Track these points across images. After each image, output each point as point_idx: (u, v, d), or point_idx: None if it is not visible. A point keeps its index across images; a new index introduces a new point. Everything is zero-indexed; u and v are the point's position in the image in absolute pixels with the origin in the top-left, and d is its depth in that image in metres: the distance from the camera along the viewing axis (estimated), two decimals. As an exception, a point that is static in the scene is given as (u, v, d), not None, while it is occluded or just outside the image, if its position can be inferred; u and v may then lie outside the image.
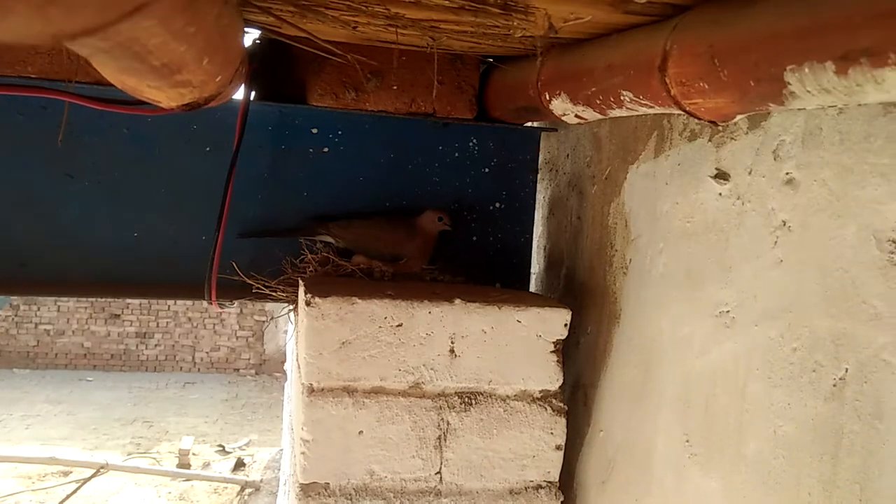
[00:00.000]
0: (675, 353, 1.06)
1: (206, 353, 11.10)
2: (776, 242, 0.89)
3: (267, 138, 1.42)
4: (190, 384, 10.73)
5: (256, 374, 11.21)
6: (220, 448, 8.62)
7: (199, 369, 11.15)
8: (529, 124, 1.51)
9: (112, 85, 1.27)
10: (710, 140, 1.03)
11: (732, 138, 0.98)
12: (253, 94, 1.43)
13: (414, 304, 1.17)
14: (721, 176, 1.00)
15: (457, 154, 1.49)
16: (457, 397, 1.19)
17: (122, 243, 1.38)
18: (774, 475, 0.86)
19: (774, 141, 0.91)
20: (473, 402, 1.19)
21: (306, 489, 1.14)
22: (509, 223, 1.52)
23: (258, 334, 11.15)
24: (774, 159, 0.91)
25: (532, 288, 1.58)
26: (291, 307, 1.43)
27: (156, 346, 11.07)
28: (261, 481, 7.65)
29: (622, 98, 0.96)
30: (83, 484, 7.10)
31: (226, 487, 7.76)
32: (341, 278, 1.33)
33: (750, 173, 0.94)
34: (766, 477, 0.88)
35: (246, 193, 1.41)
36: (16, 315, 11.09)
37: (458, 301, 1.18)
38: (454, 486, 1.19)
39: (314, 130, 1.44)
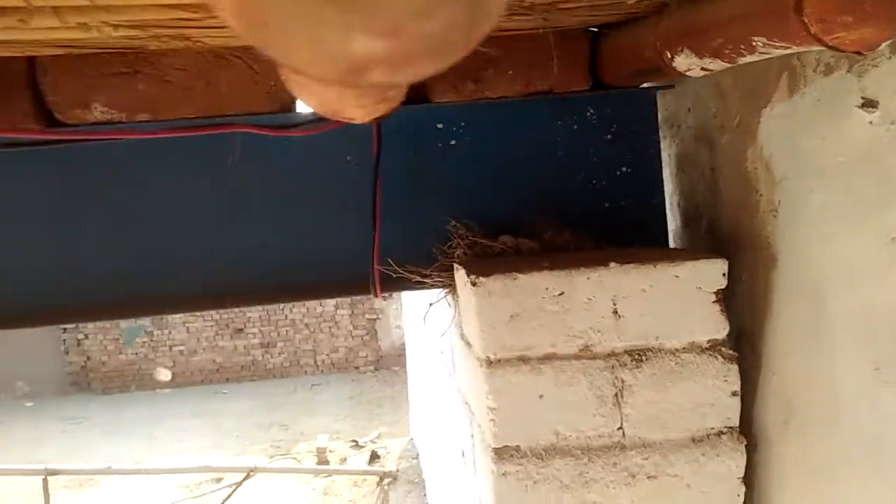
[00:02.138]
0: (849, 286, 1.08)
1: (327, 355, 11.65)
2: (942, 158, 0.90)
3: (398, 140, 1.53)
4: (316, 386, 11.30)
5: (375, 369, 11.66)
6: (354, 443, 9.05)
7: (321, 371, 11.72)
8: (645, 85, 1.54)
9: (268, 112, 1.43)
10: (849, 71, 1.04)
11: (874, 65, 0.99)
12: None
13: (572, 272, 1.24)
14: (869, 104, 1.01)
15: (576, 126, 1.54)
16: (627, 355, 1.26)
17: (289, 253, 1.53)
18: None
19: (924, 60, 0.91)
20: (644, 358, 1.25)
21: (500, 452, 1.25)
22: (638, 185, 1.56)
23: (372, 332, 11.58)
24: (926, 78, 0.91)
25: (671, 245, 1.62)
26: (447, 291, 1.54)
27: (279, 353, 11.72)
28: (397, 470, 7.98)
29: (754, 44, 0.99)
30: (237, 487, 7.64)
31: (364, 479, 8.15)
32: (492, 258, 1.42)
33: (901, 96, 0.95)
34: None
35: (390, 193, 1.52)
36: (151, 340, 12.03)
37: (613, 264, 1.24)
38: (637, 439, 1.26)
39: (439, 126, 1.54)
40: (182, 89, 1.44)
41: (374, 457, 8.54)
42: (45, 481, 5.73)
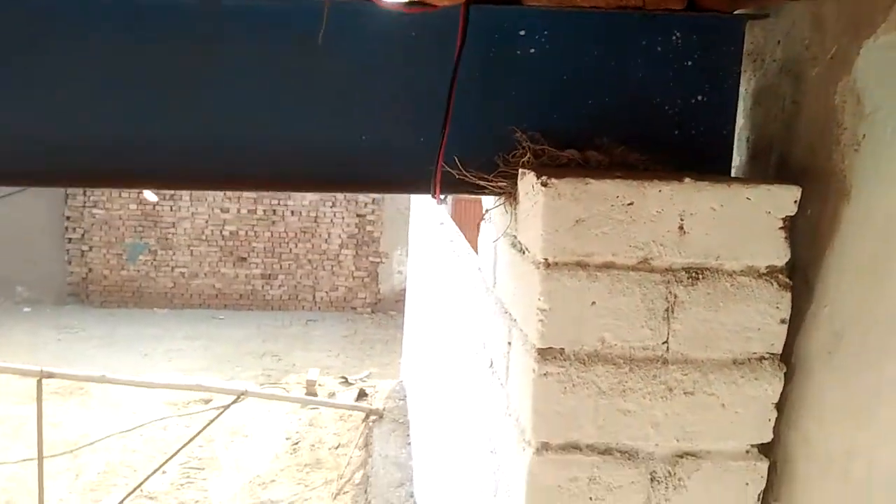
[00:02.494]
0: (927, 218, 1.07)
1: (326, 292, 11.74)
2: None
3: (477, 41, 1.49)
4: (312, 321, 11.42)
5: (372, 312, 11.76)
6: (344, 380, 9.18)
7: (319, 308, 11.82)
8: (737, 12, 1.50)
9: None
10: (974, -1, 1.01)
11: None
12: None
13: (644, 183, 1.22)
14: None
15: (660, 48, 1.51)
16: (684, 272, 1.25)
17: (353, 144, 1.50)
18: None
19: None
20: (700, 276, 1.25)
21: (543, 353, 1.25)
22: (712, 116, 1.53)
23: (373, 275, 11.65)
24: None
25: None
26: (504, 199, 1.52)
27: (280, 286, 11.80)
28: (383, 409, 8.12)
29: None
30: (224, 410, 7.77)
31: (351, 415, 8.29)
32: (559, 167, 1.40)
33: None
34: None
35: (460, 97, 1.49)
36: (154, 259, 12.09)
37: (687, 180, 1.22)
38: (680, 356, 1.26)
39: (521, 32, 1.50)
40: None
41: (363, 395, 8.67)
42: (39, 383, 5.81)
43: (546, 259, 1.24)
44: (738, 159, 1.59)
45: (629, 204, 1.22)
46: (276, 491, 7.34)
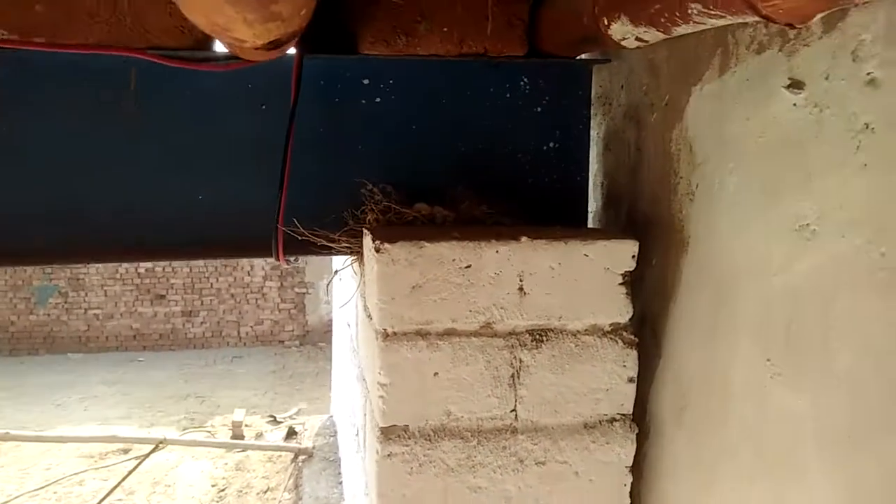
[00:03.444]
0: (752, 274, 1.04)
1: (251, 327, 11.35)
2: (859, 147, 0.86)
3: (319, 92, 1.42)
4: (237, 358, 11.01)
5: (301, 344, 11.44)
6: (272, 418, 8.85)
7: (244, 343, 11.42)
8: (584, 56, 1.48)
9: (174, 48, 1.29)
10: (780, 50, 0.99)
11: (805, 45, 0.95)
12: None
13: (481, 244, 1.17)
14: (795, 85, 0.96)
15: (508, 94, 1.47)
16: (528, 335, 1.19)
17: (188, 205, 1.39)
18: (869, 390, 0.85)
19: (853, 41, 0.87)
20: (544, 338, 1.19)
21: (387, 432, 1.16)
22: (564, 162, 1.50)
23: (300, 306, 11.35)
24: (853, 60, 0.87)
25: (590, 226, 1.57)
26: (354, 258, 1.44)
27: (201, 323, 11.35)
28: (313, 448, 7.85)
29: (689, 12, 0.93)
30: (143, 459, 7.37)
31: (280, 455, 7.99)
32: (404, 226, 1.33)
33: (827, 78, 0.91)
34: (861, 392, 0.86)
35: (303, 149, 1.41)
36: (65, 302, 11.46)
37: (524, 239, 1.17)
38: (529, 423, 1.20)
39: (365, 81, 1.43)
40: (85, 14, 1.28)
41: (292, 433, 8.37)
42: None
43: (385, 329, 1.16)
44: (594, 205, 1.57)
45: (467, 267, 1.16)
46: (201, 542, 6.98)
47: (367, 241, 1.24)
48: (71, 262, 1.41)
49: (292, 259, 1.43)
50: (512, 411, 1.20)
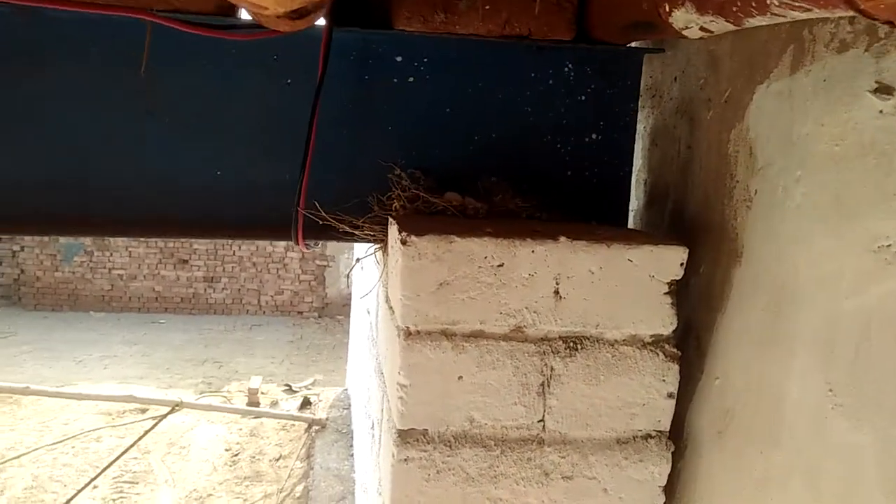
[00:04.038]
0: (817, 292, 0.95)
1: (271, 296, 11.41)
2: (956, 165, 0.76)
3: (349, 69, 1.33)
4: (256, 326, 11.08)
5: (319, 316, 11.48)
6: (287, 387, 8.92)
7: (264, 312, 11.49)
8: (634, 45, 1.37)
9: (196, 12, 1.21)
10: (866, 50, 0.89)
11: (898, 46, 0.84)
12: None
13: (516, 242, 1.08)
14: (883, 90, 0.86)
15: (551, 81, 1.37)
16: (561, 342, 1.11)
17: (204, 182, 1.32)
18: (948, 431, 0.76)
19: (956, 45, 0.76)
20: (579, 346, 1.11)
21: (404, 435, 1.10)
22: (607, 156, 1.40)
23: (320, 278, 11.37)
24: (957, 66, 0.77)
25: (630, 226, 1.47)
26: (378, 247, 1.36)
27: (223, 289, 11.43)
28: (327, 419, 7.90)
29: (769, 2, 0.82)
30: (160, 420, 7.47)
31: (293, 425, 8.05)
32: (433, 216, 1.25)
33: (922, 85, 0.81)
34: (936, 433, 0.77)
35: (329, 128, 1.33)
36: (90, 261, 11.60)
37: (563, 239, 1.09)
38: (558, 435, 1.13)
39: (398, 59, 1.34)
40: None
41: (306, 403, 8.43)
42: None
43: (407, 327, 1.09)
44: (636, 203, 1.47)
45: (499, 265, 1.08)
46: (212, 506, 7.07)
47: (393, 231, 1.16)
48: (71, 233, 1.34)
49: (312, 244, 1.36)
50: (539, 421, 1.12)
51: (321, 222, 1.30)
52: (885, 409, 0.83)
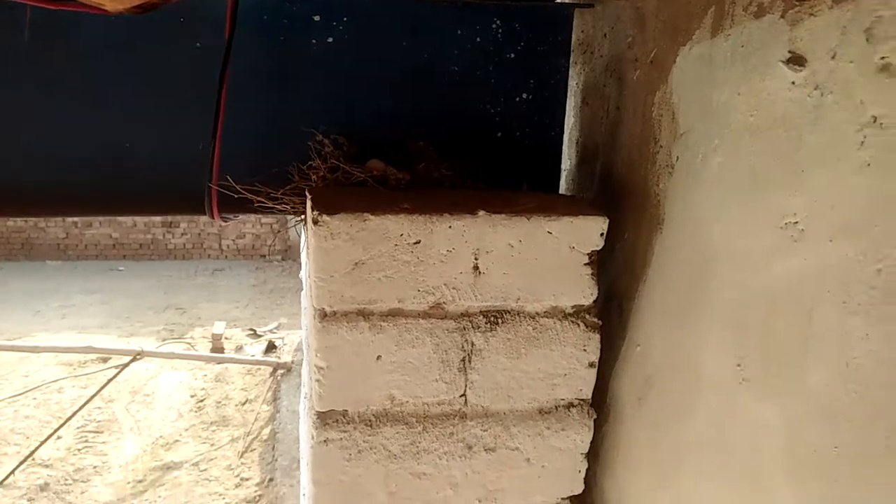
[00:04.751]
0: (730, 266, 0.94)
1: (233, 240, 11.26)
2: (863, 142, 0.74)
3: (263, 29, 1.25)
4: (218, 271, 10.96)
5: (282, 259, 11.40)
6: (252, 332, 8.91)
7: (226, 256, 11.36)
8: (562, 1, 1.31)
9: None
10: (782, 16, 0.85)
11: (812, 14, 0.80)
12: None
13: (433, 218, 1.04)
14: (795, 60, 0.82)
15: (478, 39, 1.30)
16: (482, 317, 1.09)
17: (112, 156, 1.25)
18: (843, 411, 0.77)
19: (868, 17, 0.73)
20: (500, 321, 1.10)
21: (324, 417, 1.08)
22: (538, 115, 1.35)
23: (282, 220, 11.23)
24: (867, 40, 0.73)
25: (563, 187, 1.44)
26: (300, 219, 1.32)
27: (182, 234, 11.23)
28: (292, 362, 7.96)
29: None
30: (121, 370, 7.42)
31: (259, 369, 8.09)
32: (353, 188, 1.20)
33: (833, 57, 0.77)
34: (834, 412, 0.78)
35: (244, 94, 1.26)
36: (41, 209, 11.23)
37: (481, 213, 1.05)
38: (480, 409, 1.12)
39: (316, 18, 1.26)
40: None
41: (271, 347, 8.46)
42: None
43: (322, 308, 1.05)
44: (568, 162, 1.43)
45: (416, 243, 1.05)
46: (180, 451, 7.14)
47: (308, 207, 1.12)
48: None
49: (231, 216, 1.30)
50: (461, 396, 1.11)
51: (237, 195, 1.24)
52: (788, 387, 0.84)
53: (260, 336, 9.05)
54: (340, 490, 1.09)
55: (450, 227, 1.05)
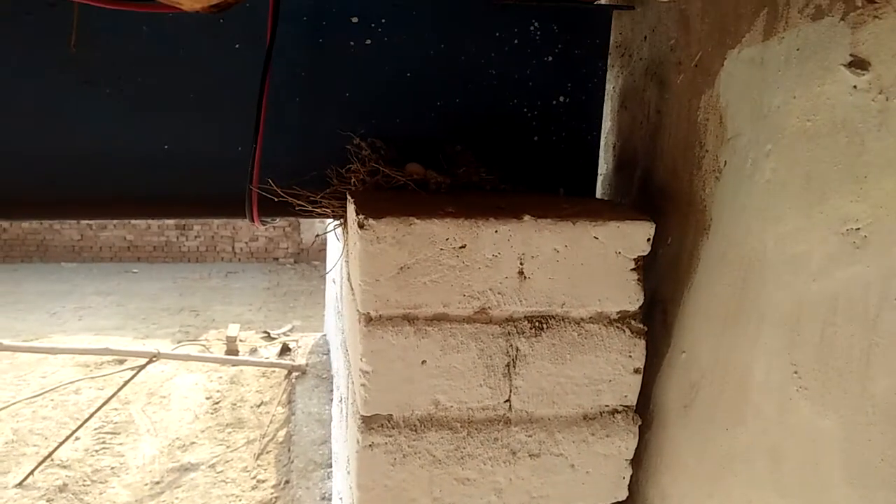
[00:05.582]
0: (784, 272, 0.93)
1: (246, 242, 11.30)
2: (930, 148, 0.73)
3: (302, 32, 1.25)
4: (232, 273, 11.00)
5: (295, 262, 11.42)
6: (266, 334, 8.93)
7: (239, 259, 11.40)
8: (600, 2, 1.30)
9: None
10: (842, 19, 0.83)
11: (876, 16, 0.79)
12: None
13: (478, 222, 1.04)
14: (858, 64, 0.81)
15: (516, 41, 1.30)
16: (527, 322, 1.09)
17: (151, 156, 1.25)
18: (911, 422, 0.75)
19: (938, 18, 0.72)
20: (545, 326, 1.09)
21: (368, 421, 1.08)
22: (575, 119, 1.34)
23: (295, 224, 11.25)
24: (936, 42, 0.72)
25: (599, 191, 1.43)
26: (339, 223, 1.31)
27: (196, 237, 11.28)
28: (306, 365, 7.96)
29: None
30: (138, 372, 7.46)
31: (273, 371, 8.11)
32: (393, 191, 1.20)
33: (899, 61, 0.76)
34: (900, 422, 0.76)
35: (282, 96, 1.26)
36: (57, 211, 11.31)
37: (527, 217, 1.04)
38: (524, 414, 1.12)
39: (354, 20, 1.26)
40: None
41: (285, 349, 8.47)
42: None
43: (368, 313, 1.05)
44: (604, 167, 1.42)
45: (461, 247, 1.04)
46: (196, 453, 7.16)
47: (351, 210, 1.11)
48: (2, 216, 1.26)
49: (269, 220, 1.30)
50: (506, 401, 1.11)
51: (277, 199, 1.24)
52: (849, 396, 0.83)
53: (274, 339, 9.07)
54: (385, 495, 1.09)
55: (495, 231, 1.04)
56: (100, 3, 1.02)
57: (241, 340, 8.80)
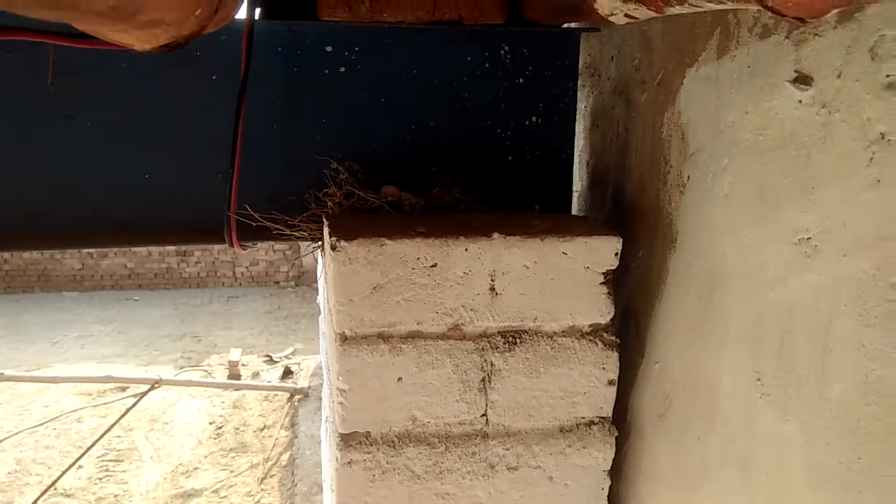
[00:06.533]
0: (744, 282, 0.95)
1: (246, 267, 11.35)
2: (872, 159, 0.76)
3: (277, 61, 1.29)
4: (233, 298, 11.04)
5: (296, 285, 11.46)
6: (268, 358, 8.94)
7: (240, 284, 11.44)
8: (571, 26, 1.34)
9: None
10: (787, 37, 0.87)
11: (817, 34, 0.82)
12: (258, 10, 1.29)
13: (448, 241, 1.06)
14: (802, 80, 0.84)
15: (487, 65, 1.33)
16: (500, 337, 1.11)
17: (132, 187, 1.29)
18: (865, 423, 0.77)
19: (872, 36, 0.75)
20: (518, 341, 1.11)
21: (347, 439, 1.10)
22: (548, 139, 1.38)
23: (295, 247, 11.31)
24: (872, 59, 0.75)
25: (574, 208, 1.46)
26: (317, 245, 1.34)
27: (196, 263, 11.33)
28: (309, 388, 7.96)
29: (684, -8, 0.80)
30: (140, 398, 7.46)
31: (276, 395, 8.10)
32: (368, 213, 1.23)
33: (839, 76, 0.79)
34: (855, 425, 0.78)
35: (260, 124, 1.29)
36: (58, 240, 11.38)
37: (496, 235, 1.07)
38: (501, 428, 1.13)
39: (328, 49, 1.30)
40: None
41: (288, 373, 8.47)
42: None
43: (343, 332, 1.07)
44: (579, 184, 1.45)
45: (432, 266, 1.07)
46: (200, 478, 7.14)
47: (326, 234, 1.14)
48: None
49: (249, 244, 1.33)
50: (482, 416, 1.12)
51: (255, 224, 1.27)
52: (808, 401, 0.84)
53: (276, 362, 9.07)
54: (364, 513, 1.10)
55: (465, 249, 1.07)
56: (58, 40, 1.06)
57: (243, 365, 8.80)
